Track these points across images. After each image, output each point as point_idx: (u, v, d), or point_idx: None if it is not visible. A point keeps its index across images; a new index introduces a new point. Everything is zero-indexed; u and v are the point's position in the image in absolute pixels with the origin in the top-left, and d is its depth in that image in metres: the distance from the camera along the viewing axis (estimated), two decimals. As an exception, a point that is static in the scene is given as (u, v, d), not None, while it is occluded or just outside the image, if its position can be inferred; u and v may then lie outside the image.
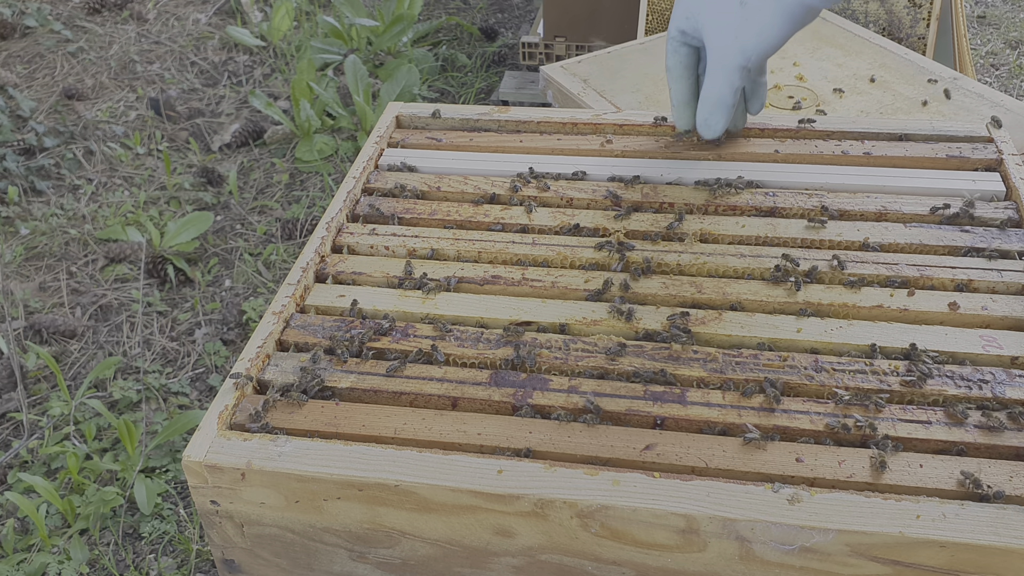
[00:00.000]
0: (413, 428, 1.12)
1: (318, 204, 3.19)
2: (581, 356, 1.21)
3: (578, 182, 1.53)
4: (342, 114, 3.51)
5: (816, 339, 1.22)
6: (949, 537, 0.95)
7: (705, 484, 1.02)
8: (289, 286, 1.33)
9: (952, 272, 1.31)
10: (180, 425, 2.28)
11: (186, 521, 2.12)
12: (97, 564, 2.06)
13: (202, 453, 1.09)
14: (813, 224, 1.40)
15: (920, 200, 1.45)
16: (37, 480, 2.12)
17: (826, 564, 0.99)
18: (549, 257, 1.39)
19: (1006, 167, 1.48)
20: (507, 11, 4.44)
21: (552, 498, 1.01)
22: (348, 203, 1.51)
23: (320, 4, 4.53)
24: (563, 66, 2.30)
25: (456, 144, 1.66)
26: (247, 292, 2.83)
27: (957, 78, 2.16)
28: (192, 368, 2.56)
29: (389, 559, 1.12)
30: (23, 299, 2.77)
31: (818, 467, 1.05)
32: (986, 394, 1.13)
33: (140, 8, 4.42)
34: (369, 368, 1.21)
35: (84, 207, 3.19)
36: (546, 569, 1.08)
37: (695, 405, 1.13)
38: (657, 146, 1.61)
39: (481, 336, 1.25)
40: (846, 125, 1.61)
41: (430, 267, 1.38)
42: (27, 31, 4.23)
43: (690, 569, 1.03)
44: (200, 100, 3.81)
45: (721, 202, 1.47)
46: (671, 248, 1.38)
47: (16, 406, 2.41)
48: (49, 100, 3.76)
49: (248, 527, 1.13)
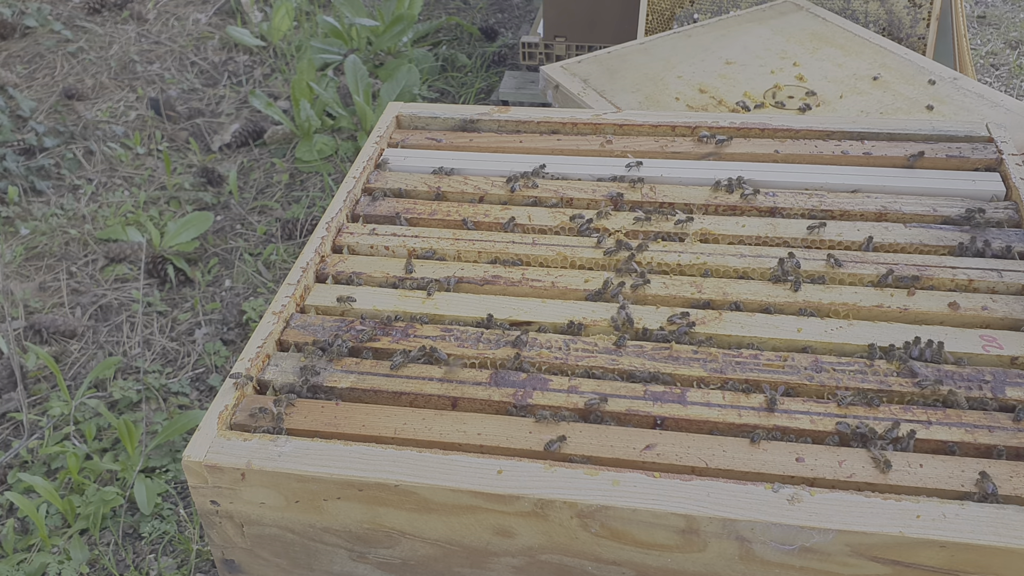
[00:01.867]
0: (413, 428, 1.12)
1: (318, 204, 3.19)
2: (581, 356, 1.21)
3: (577, 182, 1.53)
4: (342, 114, 3.51)
5: (816, 339, 1.22)
6: (949, 537, 0.95)
7: (705, 484, 1.02)
8: (289, 286, 1.33)
9: (952, 272, 1.31)
10: (180, 425, 2.28)
11: (186, 521, 2.12)
12: (97, 564, 2.06)
13: (202, 453, 1.09)
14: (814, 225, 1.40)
15: (920, 200, 1.45)
16: (37, 480, 2.12)
17: (826, 564, 0.99)
18: (549, 257, 1.39)
19: (1006, 167, 1.48)
20: (507, 11, 4.44)
21: (552, 498, 1.01)
22: (348, 203, 1.51)
23: (320, 4, 4.53)
24: (563, 66, 2.30)
25: (456, 144, 1.66)
26: (247, 292, 2.83)
27: (957, 78, 2.16)
28: (192, 368, 2.56)
29: (389, 559, 1.12)
30: (23, 299, 2.77)
31: (818, 467, 1.04)
32: (986, 394, 1.13)
33: (140, 8, 4.42)
34: (369, 368, 1.21)
35: (84, 207, 3.19)
36: (546, 569, 1.08)
37: (695, 405, 1.13)
38: (657, 146, 1.60)
39: (481, 336, 1.25)
40: (846, 125, 1.61)
41: (430, 267, 1.38)
42: (27, 31, 4.23)
43: (690, 569, 1.03)
44: (200, 100, 3.81)
45: (721, 202, 1.47)
46: (671, 248, 1.38)
47: (16, 406, 2.41)
48: (49, 100, 3.76)
49: (248, 527, 1.13)
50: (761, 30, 2.45)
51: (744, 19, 2.51)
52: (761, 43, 2.39)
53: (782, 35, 2.42)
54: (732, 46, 2.38)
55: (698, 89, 2.21)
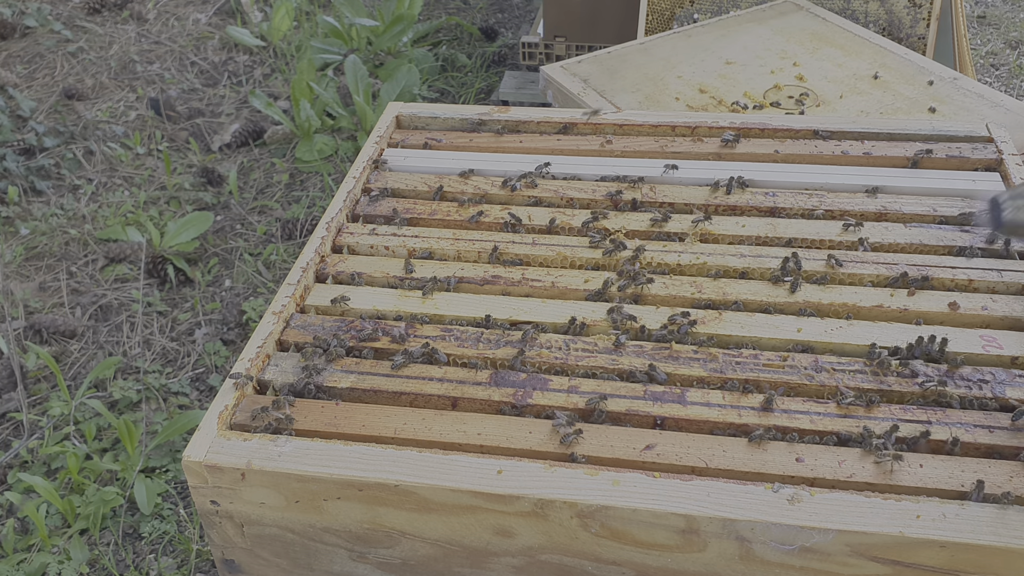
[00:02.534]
0: (413, 428, 1.12)
1: (318, 204, 3.19)
2: (581, 356, 1.21)
3: (577, 182, 1.53)
4: (342, 114, 3.51)
5: (816, 339, 1.22)
6: (949, 537, 0.95)
7: (705, 484, 1.02)
8: (289, 286, 1.33)
9: (952, 272, 1.31)
10: (180, 425, 2.28)
11: (186, 521, 2.12)
12: (97, 564, 2.06)
13: (202, 453, 1.09)
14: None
15: (920, 200, 1.45)
16: (37, 480, 2.12)
17: (826, 564, 0.99)
18: (549, 257, 1.39)
19: (1006, 167, 1.48)
20: (507, 11, 4.44)
21: (552, 498, 1.01)
22: (348, 203, 1.50)
23: (320, 4, 4.53)
24: (563, 66, 2.30)
25: (456, 144, 1.66)
26: (247, 292, 2.83)
27: (957, 78, 2.16)
28: (192, 368, 2.56)
29: (389, 559, 1.12)
30: (23, 299, 2.77)
31: (818, 467, 1.04)
32: (986, 394, 1.13)
33: (140, 8, 4.42)
34: (369, 368, 1.21)
35: (84, 207, 3.19)
36: (546, 569, 1.08)
37: (695, 405, 1.13)
38: (657, 146, 1.60)
39: (481, 336, 1.25)
40: (846, 125, 1.61)
41: (430, 267, 1.38)
42: (27, 31, 4.23)
43: (690, 569, 1.03)
44: (200, 100, 3.81)
45: (721, 202, 1.47)
46: (671, 248, 1.38)
47: (16, 406, 2.41)
48: (49, 100, 3.76)
49: (248, 527, 1.13)
50: (761, 30, 2.45)
51: (744, 19, 2.51)
52: (761, 43, 2.39)
53: (782, 35, 2.42)
54: (732, 46, 2.38)
55: (698, 89, 2.21)
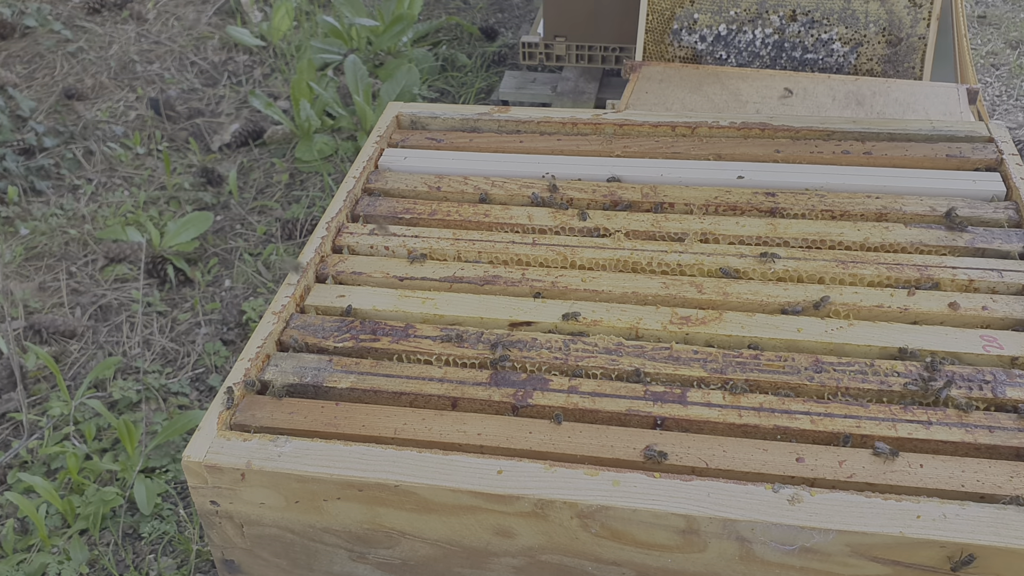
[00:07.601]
0: (413, 428, 1.12)
1: (318, 204, 3.19)
2: (581, 356, 1.21)
3: (576, 182, 1.53)
4: (342, 114, 3.51)
5: (816, 339, 1.22)
6: (949, 537, 0.95)
7: (705, 484, 1.02)
8: (289, 286, 1.33)
9: (952, 272, 1.31)
10: (180, 425, 2.28)
11: (186, 521, 2.12)
12: (97, 564, 2.06)
13: (202, 453, 1.09)
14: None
15: (920, 200, 1.44)
16: (37, 480, 2.12)
17: (826, 564, 0.99)
18: (549, 257, 1.39)
19: (1006, 167, 1.47)
20: (507, 11, 4.44)
21: (552, 498, 1.01)
22: (348, 203, 1.50)
23: (320, 4, 4.53)
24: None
25: (456, 144, 1.66)
26: (247, 292, 2.83)
27: None
28: (192, 368, 2.56)
29: (389, 559, 1.12)
30: (23, 299, 2.77)
31: (818, 467, 1.04)
32: (986, 394, 1.13)
33: (140, 8, 4.41)
34: (369, 368, 1.21)
35: (84, 207, 3.19)
36: (546, 569, 1.08)
37: (695, 405, 1.13)
38: (657, 146, 1.60)
39: (481, 336, 1.25)
40: (846, 125, 1.60)
41: (430, 267, 1.38)
42: (27, 31, 4.23)
43: (690, 569, 1.03)
44: (200, 100, 3.80)
45: (721, 202, 1.47)
46: (671, 248, 1.38)
47: (16, 406, 2.41)
48: (49, 100, 3.76)
49: (248, 527, 1.13)
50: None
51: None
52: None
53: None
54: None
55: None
